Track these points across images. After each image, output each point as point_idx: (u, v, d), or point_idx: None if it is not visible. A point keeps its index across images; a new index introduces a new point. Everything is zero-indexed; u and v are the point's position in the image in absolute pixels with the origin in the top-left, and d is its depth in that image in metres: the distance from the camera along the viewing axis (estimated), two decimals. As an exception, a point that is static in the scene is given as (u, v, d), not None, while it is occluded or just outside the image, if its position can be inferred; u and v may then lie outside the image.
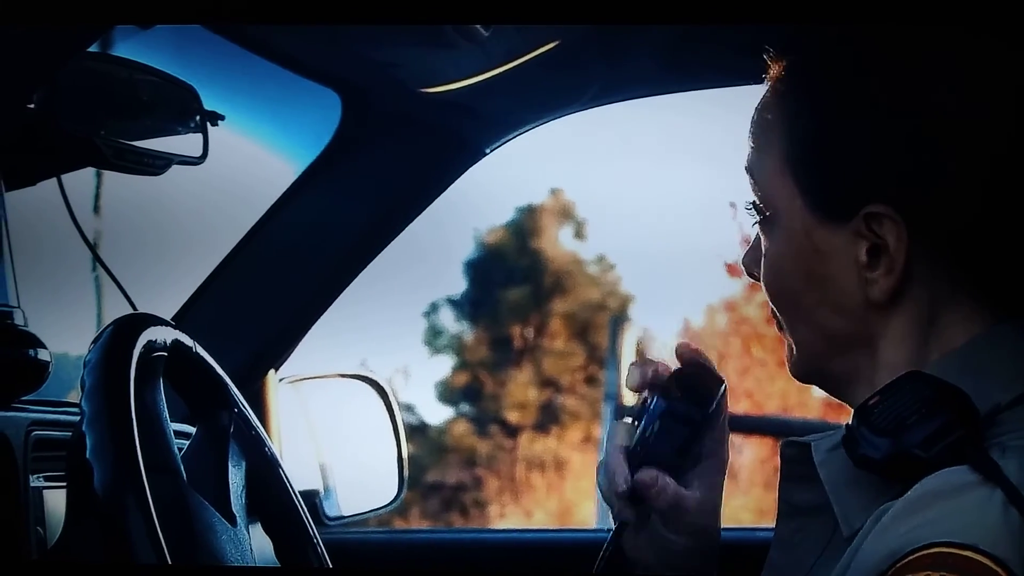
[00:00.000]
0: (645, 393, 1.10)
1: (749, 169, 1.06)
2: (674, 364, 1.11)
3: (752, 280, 1.09)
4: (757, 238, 1.08)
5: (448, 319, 10.11)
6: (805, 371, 1.07)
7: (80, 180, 1.47)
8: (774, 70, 1.05)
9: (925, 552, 0.84)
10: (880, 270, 0.99)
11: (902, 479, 0.91)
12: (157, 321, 1.22)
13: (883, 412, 0.93)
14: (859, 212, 0.99)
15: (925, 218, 0.98)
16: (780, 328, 1.08)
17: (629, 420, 1.10)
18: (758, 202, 1.05)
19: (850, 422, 0.95)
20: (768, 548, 1.07)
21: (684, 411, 1.08)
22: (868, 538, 0.90)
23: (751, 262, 1.08)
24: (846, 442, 0.95)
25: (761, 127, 1.05)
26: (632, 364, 1.11)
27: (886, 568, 0.85)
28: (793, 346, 1.06)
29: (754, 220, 1.07)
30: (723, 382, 1.11)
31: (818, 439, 1.01)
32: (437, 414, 10.13)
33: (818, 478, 0.99)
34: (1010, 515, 0.85)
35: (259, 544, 1.31)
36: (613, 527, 1.13)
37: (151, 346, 1.19)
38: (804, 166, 1.01)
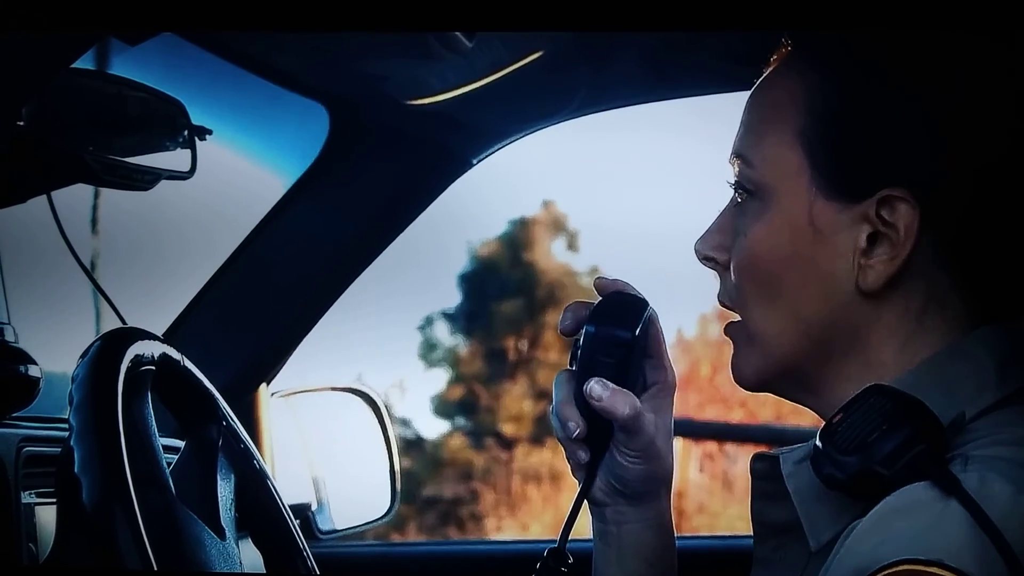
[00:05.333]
0: (579, 337, 1.10)
1: (741, 150, 1.02)
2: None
3: (706, 267, 1.05)
4: (721, 222, 1.05)
5: (443, 332, 10.10)
6: (767, 368, 1.03)
7: (71, 197, 1.47)
8: (785, 47, 1.03)
9: (892, 570, 0.83)
10: (880, 256, 0.97)
11: (869, 497, 0.90)
12: (145, 335, 1.22)
13: (846, 430, 0.92)
14: (874, 194, 0.96)
15: (940, 208, 0.96)
16: (730, 333, 1.05)
17: (570, 368, 1.11)
18: (750, 179, 1.01)
19: (817, 440, 0.94)
20: None
21: (612, 334, 1.08)
22: (836, 557, 0.90)
23: (713, 247, 1.05)
24: (813, 462, 0.94)
25: (768, 101, 1.02)
26: (564, 310, 1.12)
27: None
28: (756, 340, 1.02)
29: (733, 202, 1.04)
30: (647, 305, 1.11)
31: (787, 452, 1.00)
32: (433, 428, 10.11)
33: (788, 494, 0.98)
34: (973, 528, 0.84)
35: (248, 557, 1.31)
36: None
37: (139, 360, 1.19)
38: (822, 140, 0.98)
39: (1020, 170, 0.96)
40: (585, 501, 1.13)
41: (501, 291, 9.78)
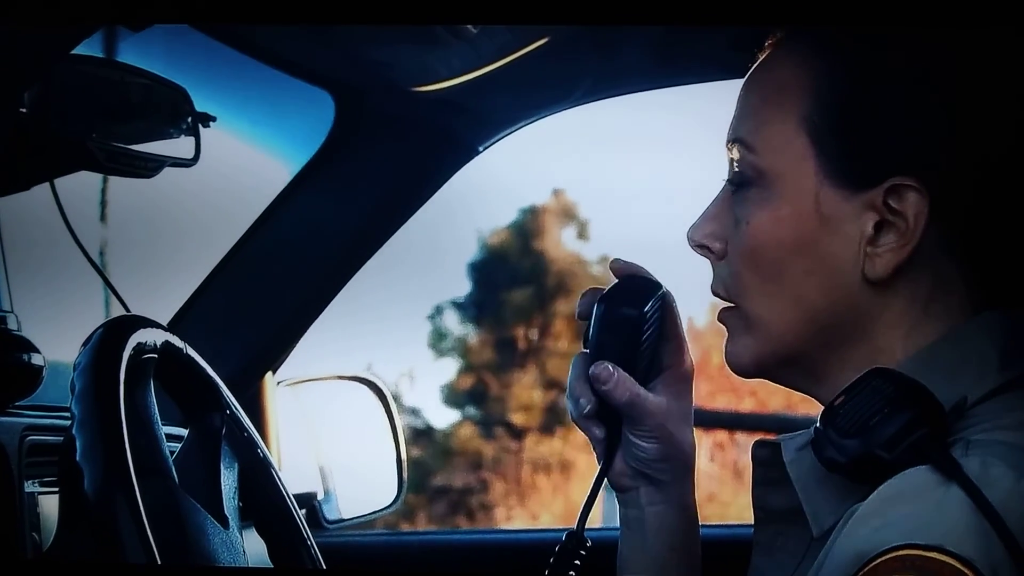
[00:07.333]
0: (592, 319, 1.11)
1: (741, 135, 1.01)
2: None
3: (699, 255, 1.05)
4: (716, 209, 1.04)
5: (452, 322, 10.12)
6: (768, 355, 1.02)
7: (75, 184, 1.47)
8: (781, 33, 1.02)
9: (893, 555, 0.83)
10: (887, 245, 0.97)
11: (869, 480, 0.89)
12: (147, 323, 1.22)
13: (848, 413, 0.92)
14: (883, 182, 0.96)
15: (949, 196, 0.96)
16: (724, 320, 1.05)
17: (584, 351, 1.11)
18: (752, 165, 1.00)
19: (818, 423, 0.94)
20: None
21: (619, 312, 1.09)
22: (837, 540, 0.89)
23: (707, 235, 1.04)
24: (814, 444, 0.94)
25: (770, 86, 1.01)
26: (580, 295, 1.12)
27: (855, 571, 0.84)
28: (756, 327, 1.02)
29: (730, 188, 1.03)
30: (660, 287, 1.11)
31: (788, 438, 1.00)
32: (443, 417, 10.13)
33: (789, 480, 0.98)
34: (974, 513, 0.84)
35: (252, 546, 1.31)
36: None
37: (141, 348, 1.18)
38: (830, 128, 0.98)
39: None
40: (613, 491, 1.13)
41: (511, 280, 9.79)
